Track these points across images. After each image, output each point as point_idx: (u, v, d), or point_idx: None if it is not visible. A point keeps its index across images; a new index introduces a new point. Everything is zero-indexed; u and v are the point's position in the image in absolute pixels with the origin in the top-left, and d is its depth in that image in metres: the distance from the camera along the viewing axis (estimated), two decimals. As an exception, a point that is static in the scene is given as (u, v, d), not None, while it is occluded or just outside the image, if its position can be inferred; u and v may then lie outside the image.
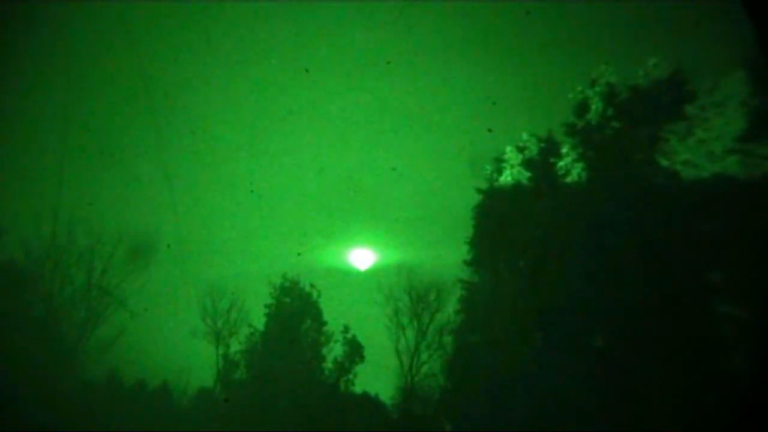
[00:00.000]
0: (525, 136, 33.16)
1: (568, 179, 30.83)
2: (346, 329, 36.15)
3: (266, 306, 36.98)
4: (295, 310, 36.68)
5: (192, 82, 43.73)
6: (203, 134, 43.94)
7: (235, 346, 36.71)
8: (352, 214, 42.26)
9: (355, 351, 35.74)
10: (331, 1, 44.20)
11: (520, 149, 33.02)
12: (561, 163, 31.33)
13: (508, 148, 33.33)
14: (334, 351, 36.08)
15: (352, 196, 43.03)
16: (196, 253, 39.47)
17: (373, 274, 39.05)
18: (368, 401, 34.29)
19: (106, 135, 42.06)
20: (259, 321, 36.86)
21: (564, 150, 31.52)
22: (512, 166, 32.90)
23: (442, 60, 44.93)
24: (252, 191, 41.30)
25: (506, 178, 32.92)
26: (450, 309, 34.59)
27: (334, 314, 36.69)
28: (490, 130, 34.94)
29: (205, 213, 42.15)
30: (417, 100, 45.16)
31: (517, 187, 32.45)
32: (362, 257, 40.19)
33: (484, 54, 42.83)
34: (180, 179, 41.11)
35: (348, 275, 40.06)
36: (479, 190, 33.75)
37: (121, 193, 40.71)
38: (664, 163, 28.26)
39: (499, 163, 33.56)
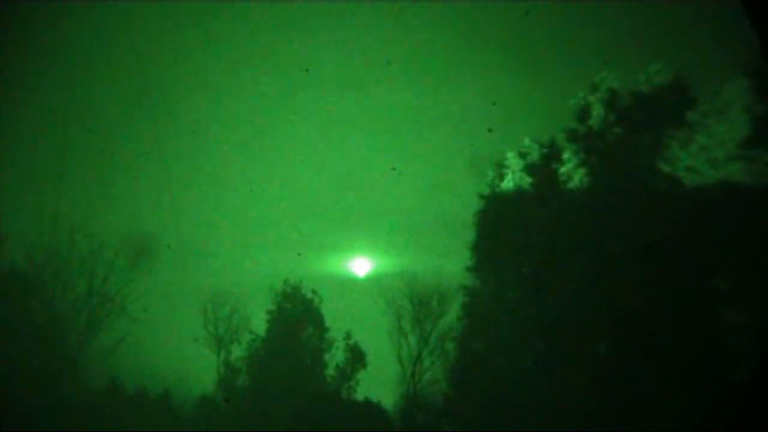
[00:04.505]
0: (527, 141, 33.12)
1: (570, 185, 30.78)
2: (348, 336, 36.06)
3: (268, 312, 36.87)
4: (297, 317, 36.56)
5: (192, 82, 43.61)
6: (203, 134, 43.83)
7: (237, 353, 36.62)
8: (352, 218, 42.16)
9: (357, 357, 35.65)
10: (331, 1, 44.06)
11: (522, 155, 32.97)
12: (563, 169, 31.27)
13: (510, 154, 33.27)
14: (336, 357, 36.00)
15: (352, 198, 42.88)
16: (197, 257, 39.40)
17: (374, 280, 38.93)
18: (370, 408, 34.18)
19: (106, 135, 41.94)
20: (260, 327, 36.80)
21: (566, 156, 31.46)
22: (514, 172, 32.84)
23: (442, 61, 44.80)
24: (251, 191, 41.20)
25: (508, 183, 32.86)
26: (452, 315, 34.48)
27: (336, 320, 36.61)
28: (490, 130, 34.89)
29: (205, 214, 42.06)
30: (417, 100, 44.97)
31: (519, 192, 32.38)
32: (363, 264, 40.08)
33: (485, 56, 42.71)
34: (180, 179, 41.03)
35: (350, 282, 39.95)
36: (481, 196, 33.68)
37: (121, 194, 40.64)
38: (666, 169, 28.21)
39: (500, 168, 33.49)
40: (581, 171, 30.51)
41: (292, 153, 45.34)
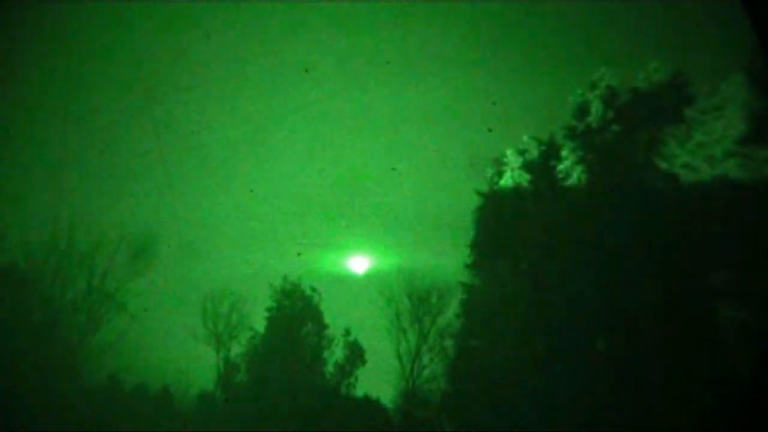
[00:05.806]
0: (525, 138, 33.26)
1: (569, 182, 30.88)
2: (348, 332, 36.19)
3: (267, 309, 36.98)
4: (296, 313, 36.67)
5: (192, 82, 43.62)
6: (203, 134, 43.88)
7: (236, 350, 36.74)
8: (351, 216, 42.19)
9: (356, 354, 35.76)
10: (332, 1, 44.19)
11: (521, 152, 33.09)
12: (561, 166, 31.36)
13: (509, 151, 33.39)
14: (335, 354, 36.13)
15: (351, 197, 42.96)
16: (197, 255, 39.43)
17: (373, 277, 39.02)
18: (369, 405, 34.28)
19: (106, 135, 41.96)
20: (260, 324, 36.90)
21: (564, 153, 31.55)
22: (513, 169, 32.95)
23: (442, 60, 44.86)
24: (251, 191, 41.26)
25: (507, 180, 32.96)
26: (451, 312, 34.59)
27: (335, 318, 36.72)
28: (489, 130, 34.99)
29: (205, 214, 42.07)
30: (417, 100, 45.04)
31: (517, 189, 32.49)
32: (362, 261, 40.14)
33: (485, 55, 42.81)
34: (180, 179, 41.04)
35: (349, 279, 40.02)
36: (480, 193, 33.80)
37: (121, 194, 40.65)
38: (664, 166, 28.33)
39: (499, 165, 33.62)
40: (579, 168, 30.59)
41: (292, 153, 45.39)
